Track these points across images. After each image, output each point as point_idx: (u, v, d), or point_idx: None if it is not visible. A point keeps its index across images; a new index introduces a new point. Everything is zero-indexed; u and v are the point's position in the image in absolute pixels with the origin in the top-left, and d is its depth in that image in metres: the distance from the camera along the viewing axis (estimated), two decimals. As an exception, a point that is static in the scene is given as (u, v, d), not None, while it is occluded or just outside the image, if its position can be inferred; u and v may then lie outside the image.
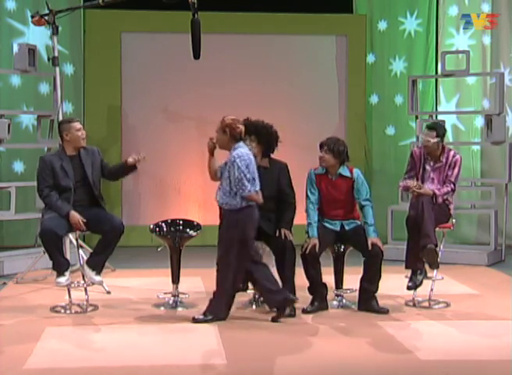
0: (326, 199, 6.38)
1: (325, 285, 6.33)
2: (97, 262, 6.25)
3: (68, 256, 6.48)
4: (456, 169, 6.55)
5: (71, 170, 6.26)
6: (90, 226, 6.26)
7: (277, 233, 6.17)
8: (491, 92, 9.75)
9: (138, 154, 6.31)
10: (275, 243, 6.20)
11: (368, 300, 6.30)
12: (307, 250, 6.16)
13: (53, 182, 6.22)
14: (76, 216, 6.12)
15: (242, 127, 5.90)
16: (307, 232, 6.29)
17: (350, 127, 10.04)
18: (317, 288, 6.29)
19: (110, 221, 6.22)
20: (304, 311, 6.24)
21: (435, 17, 10.17)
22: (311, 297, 6.32)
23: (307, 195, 6.41)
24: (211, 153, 6.02)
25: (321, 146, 6.34)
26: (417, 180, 6.55)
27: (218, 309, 5.91)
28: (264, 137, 6.24)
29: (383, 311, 6.24)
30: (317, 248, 6.17)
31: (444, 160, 6.57)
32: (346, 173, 6.34)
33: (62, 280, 6.15)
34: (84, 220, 6.12)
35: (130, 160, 6.30)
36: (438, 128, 6.60)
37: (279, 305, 5.97)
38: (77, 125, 6.29)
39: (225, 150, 5.94)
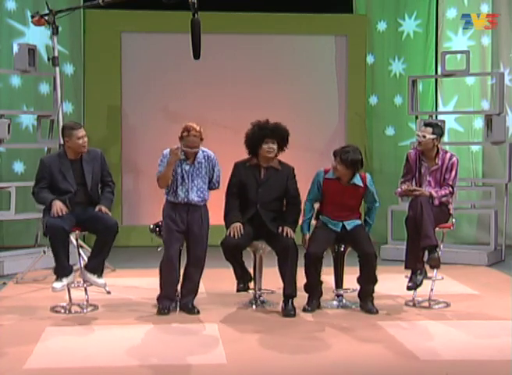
0: (333, 202, 6.36)
1: (321, 283, 6.35)
2: (95, 265, 6.25)
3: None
4: (453, 172, 6.54)
5: (71, 174, 6.26)
6: (86, 226, 6.28)
7: (279, 230, 6.18)
8: (490, 93, 9.76)
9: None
10: (277, 242, 6.20)
11: (364, 299, 6.32)
12: (307, 247, 6.21)
13: (51, 185, 6.24)
14: (57, 203, 6.09)
15: None
16: (302, 228, 6.38)
17: (350, 127, 10.04)
18: (313, 288, 6.30)
19: (104, 221, 6.22)
20: (305, 310, 6.26)
21: (435, 18, 10.19)
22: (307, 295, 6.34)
23: (308, 192, 6.43)
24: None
25: (335, 155, 6.29)
26: (416, 183, 6.55)
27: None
28: (285, 142, 6.32)
29: (373, 311, 6.24)
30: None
31: (440, 162, 6.56)
32: (359, 183, 6.33)
33: (58, 285, 6.12)
34: (66, 210, 6.08)
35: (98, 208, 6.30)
36: (434, 126, 6.59)
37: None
38: (79, 133, 6.22)
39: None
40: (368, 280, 6.26)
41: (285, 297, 6.24)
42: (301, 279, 6.28)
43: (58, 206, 6.08)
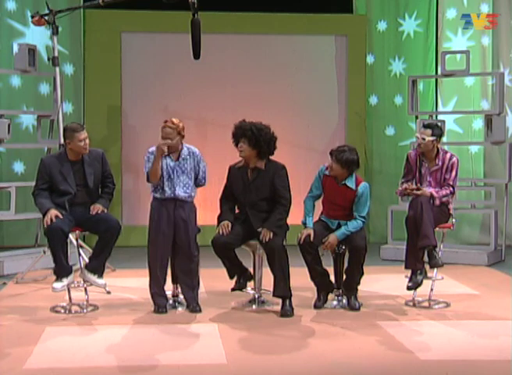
0: (328, 199, 6.41)
1: (326, 271, 6.35)
2: (96, 266, 6.26)
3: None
4: (453, 172, 6.53)
5: (71, 175, 6.26)
6: (88, 226, 6.28)
7: (261, 235, 6.15)
8: (490, 93, 9.75)
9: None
10: (264, 243, 6.19)
11: (348, 291, 6.35)
12: (301, 240, 6.20)
13: (51, 185, 6.25)
14: (52, 212, 6.08)
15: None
16: (304, 223, 6.35)
17: (350, 127, 10.04)
18: (317, 278, 6.32)
19: (106, 221, 6.22)
20: (316, 306, 6.33)
21: (435, 18, 10.19)
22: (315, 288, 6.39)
23: (310, 189, 6.45)
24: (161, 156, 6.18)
25: (331, 154, 6.31)
26: (416, 184, 6.54)
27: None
28: (252, 139, 6.20)
29: (355, 308, 6.30)
30: (311, 238, 6.19)
31: (440, 163, 6.55)
32: (351, 185, 6.29)
33: (58, 286, 6.13)
34: (61, 216, 6.07)
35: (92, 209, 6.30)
36: (434, 127, 6.58)
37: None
38: (81, 135, 6.22)
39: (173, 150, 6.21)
40: (354, 271, 6.29)
41: (277, 298, 6.25)
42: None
43: (53, 214, 6.07)
